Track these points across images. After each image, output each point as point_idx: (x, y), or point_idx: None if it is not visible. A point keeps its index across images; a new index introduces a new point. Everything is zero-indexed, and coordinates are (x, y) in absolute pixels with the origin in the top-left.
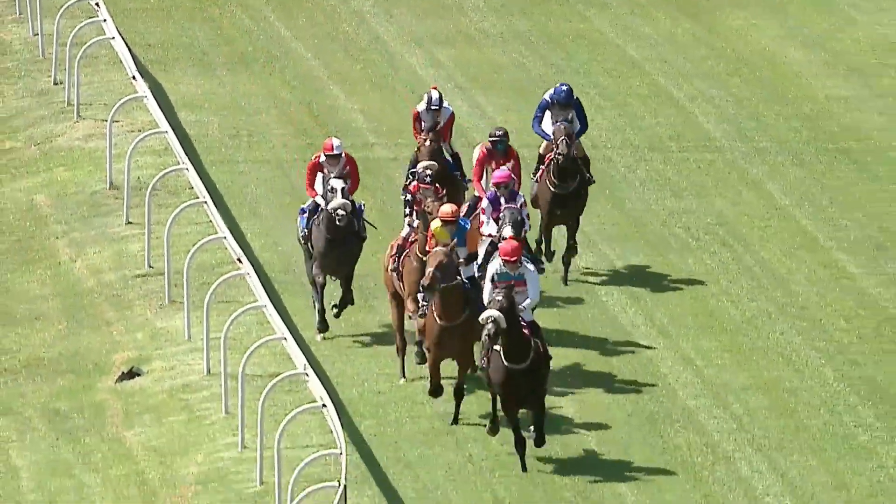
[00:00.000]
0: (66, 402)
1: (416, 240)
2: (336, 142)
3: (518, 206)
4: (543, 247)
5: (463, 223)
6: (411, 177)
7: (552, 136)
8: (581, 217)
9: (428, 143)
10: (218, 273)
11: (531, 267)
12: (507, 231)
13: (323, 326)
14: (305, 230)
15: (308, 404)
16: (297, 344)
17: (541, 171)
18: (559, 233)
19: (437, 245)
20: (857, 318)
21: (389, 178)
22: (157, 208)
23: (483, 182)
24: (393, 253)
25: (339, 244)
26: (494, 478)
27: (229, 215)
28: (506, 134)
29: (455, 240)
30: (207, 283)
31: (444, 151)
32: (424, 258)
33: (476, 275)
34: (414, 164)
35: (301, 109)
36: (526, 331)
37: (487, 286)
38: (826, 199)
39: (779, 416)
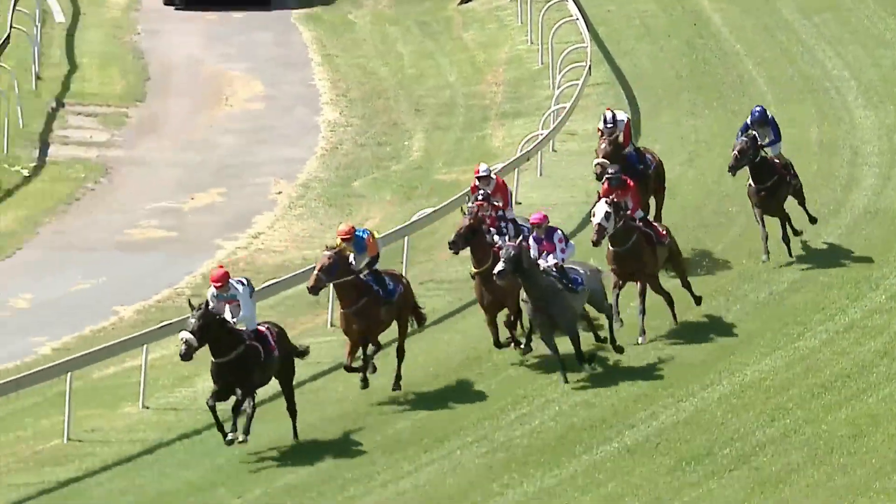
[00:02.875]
0: (430, 17)
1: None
2: (483, 166)
3: (514, 244)
4: (760, 233)
5: (361, 234)
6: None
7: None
8: (786, 214)
9: (603, 146)
10: None
11: (241, 288)
12: (499, 266)
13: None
14: None
15: (567, 18)
16: None
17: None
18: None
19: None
20: None
21: None
22: None
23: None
24: None
25: None
26: None
27: None
28: (619, 171)
29: (344, 245)
30: None
31: (627, 150)
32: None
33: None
34: None
35: None
36: (243, 335)
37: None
38: None
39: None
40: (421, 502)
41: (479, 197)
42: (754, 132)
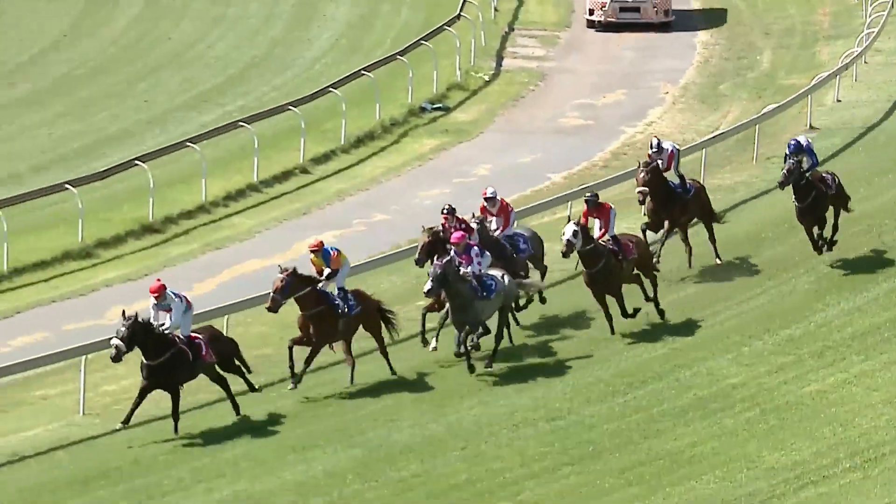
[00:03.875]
0: None
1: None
2: (490, 189)
3: (440, 263)
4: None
5: (328, 249)
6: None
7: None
8: (824, 221)
9: (641, 175)
10: None
11: (177, 300)
12: (427, 285)
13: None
14: None
15: None
16: None
17: None
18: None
19: (316, 268)
20: None
21: None
22: None
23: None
24: None
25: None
26: None
27: None
28: (596, 195)
29: (294, 268)
30: None
31: (670, 177)
32: None
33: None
34: None
35: None
36: (175, 340)
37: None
38: None
39: None
40: (763, 316)
41: (445, 211)
42: (794, 159)
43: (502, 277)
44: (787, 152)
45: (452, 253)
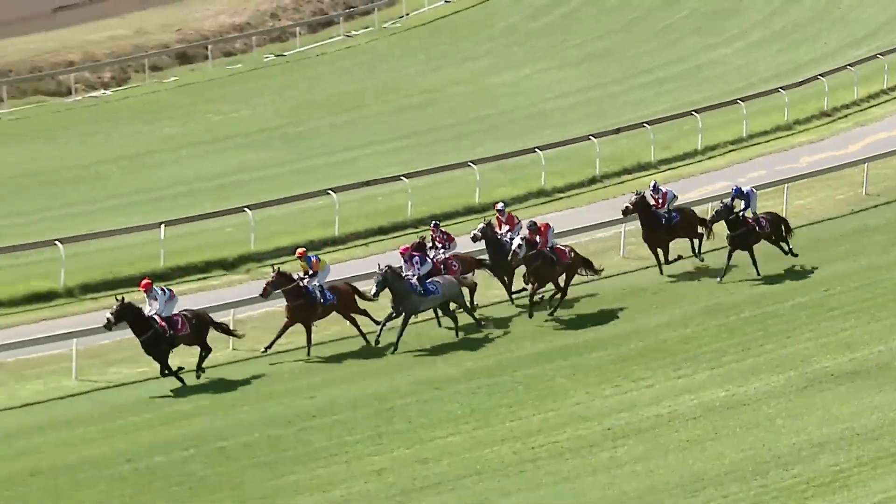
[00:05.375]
0: None
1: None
2: (500, 205)
3: (381, 271)
4: (725, 263)
5: (310, 257)
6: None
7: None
8: (753, 248)
9: (631, 197)
10: None
11: (160, 293)
12: (372, 289)
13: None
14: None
15: None
16: None
17: None
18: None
19: (302, 270)
20: None
21: None
22: None
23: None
24: None
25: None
26: None
27: None
28: (534, 223)
29: (279, 268)
30: None
31: (663, 210)
32: None
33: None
34: None
35: None
36: (157, 321)
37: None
38: None
39: None
40: None
41: (433, 225)
42: (730, 201)
43: (445, 283)
44: (732, 196)
45: (403, 259)
